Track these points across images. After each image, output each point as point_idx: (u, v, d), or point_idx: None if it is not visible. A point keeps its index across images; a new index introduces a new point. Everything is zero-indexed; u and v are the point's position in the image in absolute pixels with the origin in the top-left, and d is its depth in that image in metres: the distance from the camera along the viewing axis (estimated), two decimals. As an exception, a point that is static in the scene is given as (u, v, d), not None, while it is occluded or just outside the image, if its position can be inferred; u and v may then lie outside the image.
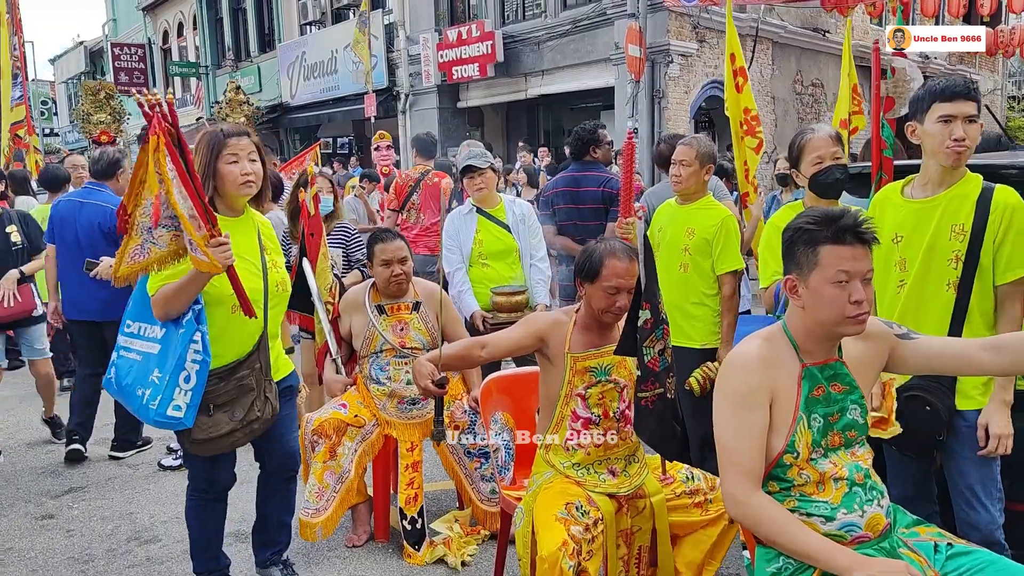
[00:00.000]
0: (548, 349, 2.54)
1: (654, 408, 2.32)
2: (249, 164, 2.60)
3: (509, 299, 3.92)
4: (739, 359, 1.98)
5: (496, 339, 2.54)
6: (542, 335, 2.53)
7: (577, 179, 4.40)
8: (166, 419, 2.48)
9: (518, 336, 2.54)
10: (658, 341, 2.31)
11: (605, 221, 4.27)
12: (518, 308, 3.91)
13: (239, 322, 2.57)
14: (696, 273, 3.51)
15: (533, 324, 2.57)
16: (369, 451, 3.37)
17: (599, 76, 13.04)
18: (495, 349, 2.52)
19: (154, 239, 2.43)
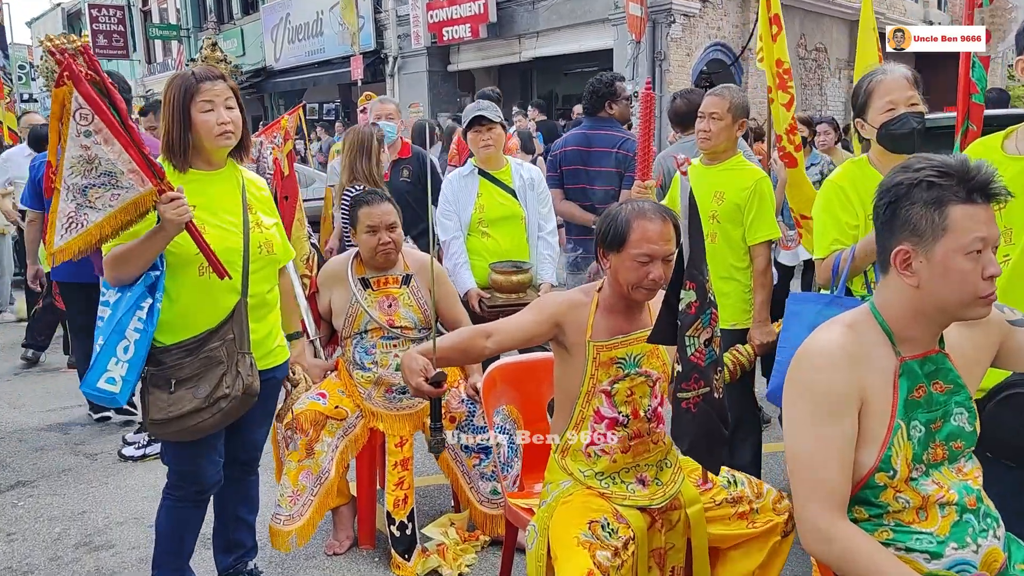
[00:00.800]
0: (565, 336, 2.10)
1: (698, 412, 1.87)
2: (226, 112, 2.26)
3: (509, 278, 3.44)
4: (820, 354, 1.55)
5: (504, 327, 2.09)
6: (557, 320, 2.09)
7: (589, 138, 3.91)
8: (97, 392, 2.17)
9: (530, 322, 2.09)
10: (704, 329, 1.86)
11: (619, 187, 3.80)
12: (519, 288, 3.44)
13: (211, 287, 2.24)
14: (725, 243, 3.08)
15: (546, 307, 2.12)
16: (352, 447, 2.93)
17: (597, 37, 12.48)
18: (503, 340, 2.07)
19: (90, 201, 2.07)
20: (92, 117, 2.04)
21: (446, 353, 2.02)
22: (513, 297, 3.41)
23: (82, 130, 2.05)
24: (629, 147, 3.78)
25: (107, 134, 2.05)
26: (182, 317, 2.26)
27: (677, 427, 1.90)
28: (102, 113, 2.04)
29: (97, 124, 2.04)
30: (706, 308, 1.85)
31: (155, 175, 2.10)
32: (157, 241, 2.15)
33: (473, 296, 3.50)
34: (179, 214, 2.12)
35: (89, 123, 2.04)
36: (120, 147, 2.06)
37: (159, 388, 2.24)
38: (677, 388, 1.87)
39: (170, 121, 2.26)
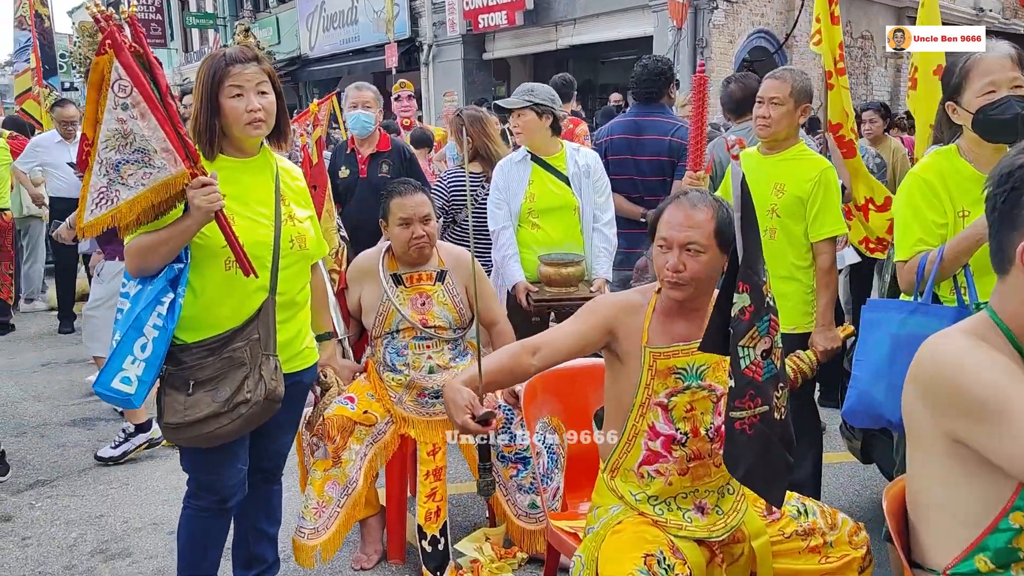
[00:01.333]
0: (618, 343, 1.88)
1: (754, 433, 1.63)
2: (257, 98, 2.08)
3: (559, 270, 3.18)
4: (970, 369, 1.29)
5: (550, 340, 1.87)
6: (609, 326, 1.87)
7: (639, 125, 3.65)
8: (111, 392, 2.02)
9: (579, 331, 1.87)
10: (761, 338, 1.62)
11: (671, 177, 3.55)
12: (570, 282, 3.19)
13: (237, 282, 2.08)
14: (785, 239, 2.82)
15: (597, 312, 1.90)
16: (381, 455, 2.74)
17: (636, 25, 12.14)
18: (549, 354, 1.85)
19: (123, 178, 1.92)
20: (130, 89, 1.91)
21: (492, 378, 1.80)
22: (563, 292, 3.16)
23: (119, 102, 1.91)
24: (683, 134, 3.52)
25: (144, 108, 1.91)
26: (205, 314, 2.09)
27: (730, 450, 1.65)
28: (141, 85, 1.91)
29: (135, 97, 1.90)
30: (763, 314, 1.61)
31: (188, 157, 1.96)
32: (184, 230, 1.99)
33: (520, 289, 3.26)
34: (209, 201, 1.96)
35: (127, 95, 1.91)
36: (156, 123, 1.92)
37: (176, 389, 2.07)
38: (730, 406, 1.64)
39: (199, 105, 2.09)
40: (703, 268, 1.78)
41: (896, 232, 2.16)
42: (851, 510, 3.08)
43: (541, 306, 3.14)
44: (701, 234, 1.77)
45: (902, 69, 14.66)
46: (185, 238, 2.02)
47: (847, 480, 3.43)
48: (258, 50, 2.21)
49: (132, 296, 2.04)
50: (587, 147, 3.60)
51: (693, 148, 2.84)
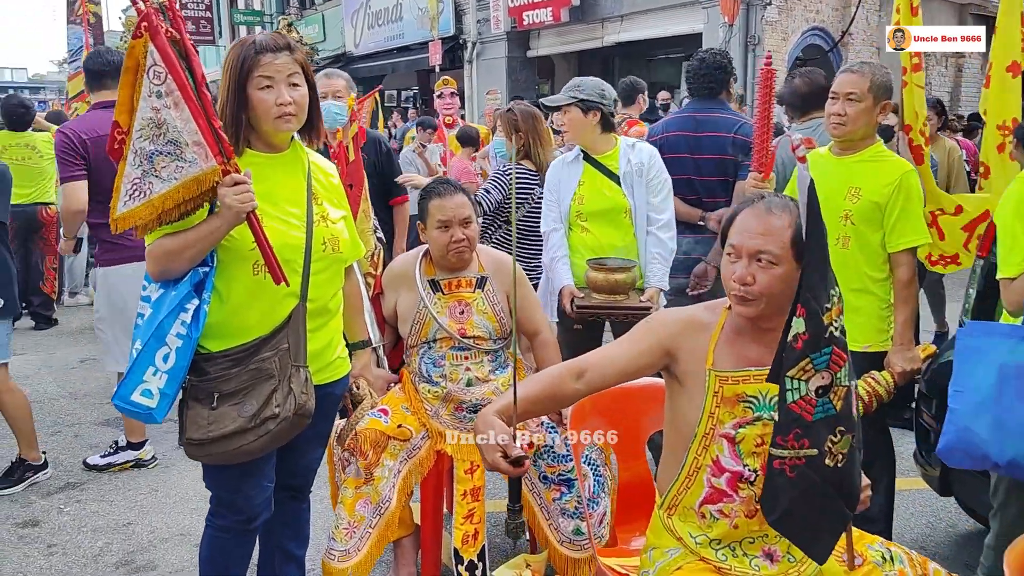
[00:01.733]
0: (678, 365, 1.68)
1: (797, 478, 1.42)
2: (288, 90, 1.93)
3: (607, 276, 2.96)
4: None
5: (599, 361, 1.68)
6: (669, 345, 1.67)
7: (697, 122, 3.43)
8: (131, 406, 1.88)
9: (633, 351, 1.67)
10: (817, 373, 1.40)
11: (733, 178, 3.32)
12: (619, 289, 2.97)
13: (266, 288, 1.94)
14: (860, 249, 2.58)
15: (654, 330, 1.70)
16: (416, 472, 2.57)
17: (686, 21, 11.83)
18: (596, 379, 1.66)
19: (156, 170, 1.80)
20: (165, 76, 1.79)
21: (529, 407, 1.62)
22: (611, 299, 2.95)
23: (154, 89, 1.79)
24: (747, 132, 3.29)
25: (177, 97, 1.79)
26: (231, 321, 1.95)
27: (767, 490, 1.45)
28: (176, 72, 1.79)
29: (169, 85, 1.79)
30: (821, 346, 1.39)
31: (221, 152, 1.83)
32: (213, 232, 1.86)
33: (566, 294, 3.05)
34: (242, 201, 1.82)
35: (161, 82, 1.79)
36: (189, 114, 1.80)
37: (200, 402, 1.93)
38: (772, 442, 1.43)
39: (225, 96, 1.95)
40: (775, 282, 1.57)
41: (1001, 246, 1.92)
42: (923, 545, 2.83)
43: (584, 313, 2.94)
44: (775, 243, 1.56)
45: (963, 68, 14.10)
46: (213, 241, 1.88)
47: (918, 510, 3.17)
48: (291, 37, 2.05)
49: (154, 301, 1.90)
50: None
51: (758, 148, 2.62)
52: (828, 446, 1.41)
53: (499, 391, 2.61)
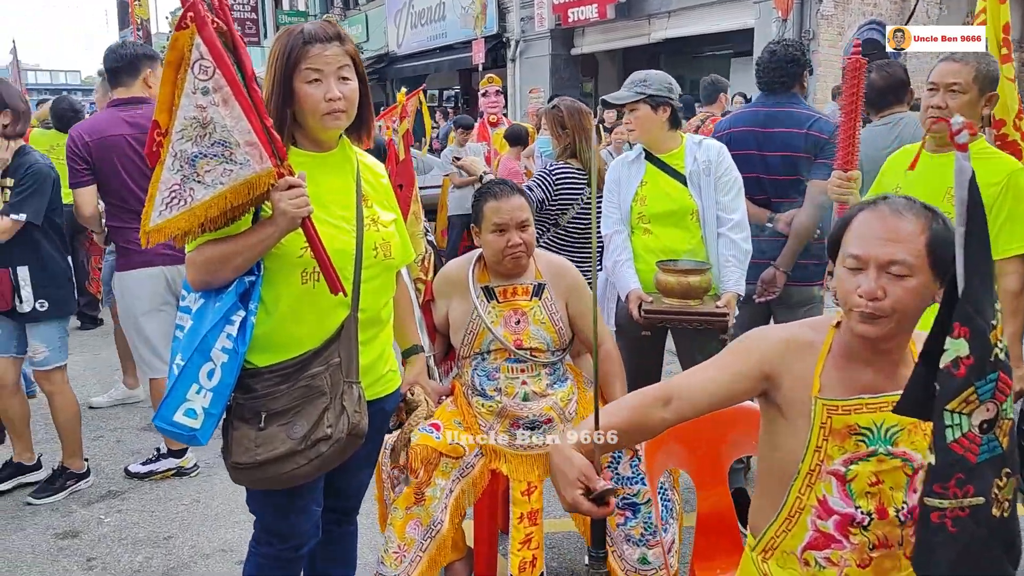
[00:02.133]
0: (779, 392, 1.48)
1: (960, 532, 1.18)
2: (338, 84, 1.77)
3: (680, 279, 2.74)
4: None
5: (687, 385, 1.48)
6: (768, 370, 1.47)
7: (767, 117, 3.19)
8: (173, 427, 1.72)
9: (728, 375, 1.47)
10: (982, 404, 1.17)
11: (805, 177, 3.09)
12: (692, 293, 2.75)
13: (315, 297, 1.80)
14: (958, 255, 2.34)
15: (752, 350, 1.50)
16: (470, 492, 2.40)
17: (736, 16, 11.51)
18: (688, 405, 1.45)
19: (199, 174, 1.63)
20: (213, 70, 1.62)
21: (616, 439, 1.43)
22: (683, 304, 2.74)
23: (200, 86, 1.62)
24: (823, 127, 3.05)
25: (227, 93, 1.63)
26: (278, 334, 1.80)
27: (922, 546, 1.21)
28: (225, 66, 1.62)
29: (217, 80, 1.62)
30: (987, 371, 1.17)
31: (275, 153, 1.67)
32: (265, 239, 1.71)
33: (633, 298, 2.83)
34: (297, 206, 1.68)
35: (208, 77, 1.62)
36: (240, 111, 1.63)
37: (246, 422, 1.78)
38: (927, 489, 1.20)
39: (270, 89, 1.79)
40: (909, 297, 1.35)
41: None
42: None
43: (653, 318, 2.73)
44: (908, 250, 1.35)
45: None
46: (264, 249, 1.73)
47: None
48: (341, 27, 1.89)
49: (195, 312, 1.76)
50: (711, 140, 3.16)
51: (844, 143, 2.40)
52: (995, 492, 1.18)
53: (557, 406, 2.43)
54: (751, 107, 3.34)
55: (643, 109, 2.86)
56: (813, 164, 3.04)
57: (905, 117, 3.33)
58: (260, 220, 1.74)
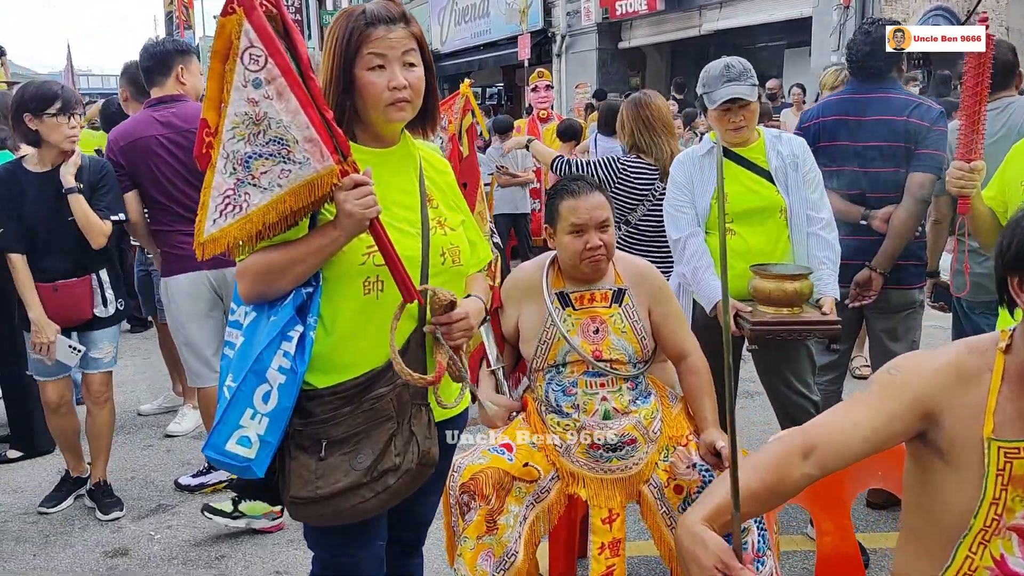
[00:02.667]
0: (941, 432, 1.23)
1: None
2: (403, 71, 1.59)
3: (782, 286, 2.48)
4: None
5: (832, 431, 1.24)
6: (928, 407, 1.23)
7: (861, 104, 2.92)
8: (225, 456, 1.56)
9: (879, 415, 1.23)
10: None
11: (904, 169, 2.82)
12: (794, 301, 2.48)
13: (381, 309, 1.61)
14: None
15: (907, 385, 1.25)
16: (545, 519, 2.20)
17: (793, 5, 11.11)
18: (833, 456, 1.22)
19: (254, 177, 1.46)
20: (264, 60, 1.44)
21: (749, 507, 1.20)
22: (785, 313, 2.48)
23: (251, 78, 1.45)
24: (924, 115, 2.78)
25: (281, 84, 1.44)
26: (339, 351, 1.61)
27: None
28: (278, 54, 1.44)
29: (270, 70, 1.44)
30: None
31: (338, 149, 1.49)
32: (328, 245, 1.53)
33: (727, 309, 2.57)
34: (365, 206, 1.49)
35: (260, 68, 1.44)
36: (297, 105, 1.45)
37: (305, 451, 1.59)
38: None
39: (328, 77, 1.61)
40: None
41: None
42: None
43: (761, 331, 2.47)
44: None
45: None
46: (327, 255, 1.55)
47: None
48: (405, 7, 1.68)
49: (246, 327, 1.58)
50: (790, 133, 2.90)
51: (966, 132, 2.14)
52: None
53: (641, 425, 2.21)
54: (843, 95, 3.07)
55: (754, 106, 2.62)
56: (913, 155, 2.77)
57: (1015, 102, 3.03)
58: (319, 223, 1.55)
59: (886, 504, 2.94)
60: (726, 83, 2.58)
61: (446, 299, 1.61)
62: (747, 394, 4.13)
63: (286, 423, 1.56)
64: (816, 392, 2.77)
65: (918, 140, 2.77)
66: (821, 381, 2.99)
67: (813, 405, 2.74)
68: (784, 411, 2.78)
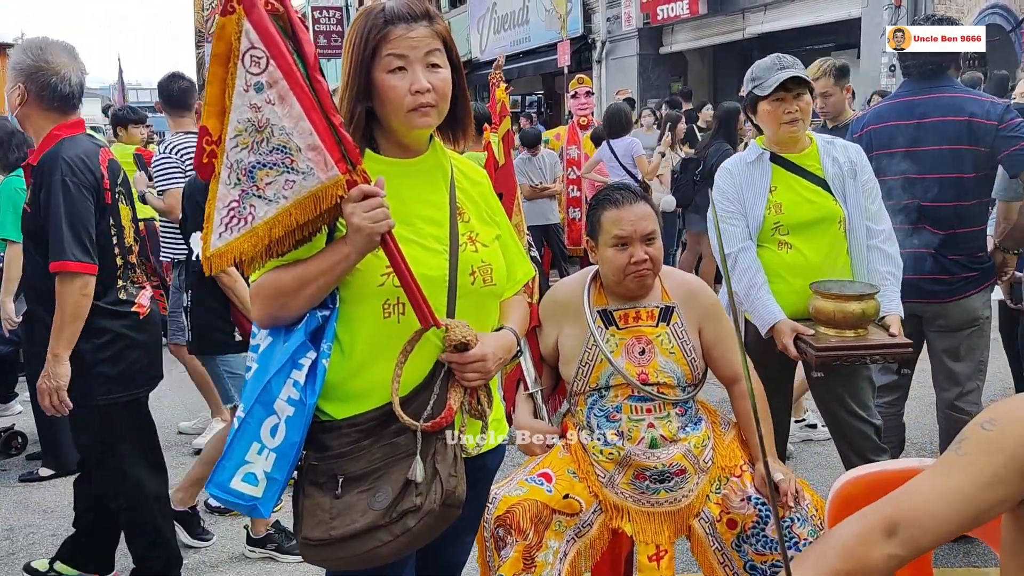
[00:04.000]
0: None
1: None
2: (426, 73, 1.47)
3: (844, 307, 2.27)
4: None
5: (923, 502, 1.05)
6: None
7: (917, 106, 2.72)
8: (229, 495, 1.45)
9: (976, 480, 1.04)
10: None
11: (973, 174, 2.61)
12: (860, 323, 2.29)
13: (402, 334, 1.48)
14: None
15: (1005, 440, 1.06)
16: (587, 555, 2.04)
17: (841, 6, 10.81)
18: (921, 533, 1.03)
19: (259, 188, 1.35)
20: (266, 62, 1.34)
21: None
22: (850, 336, 2.29)
23: (253, 81, 1.35)
24: (998, 113, 2.57)
25: (283, 88, 1.35)
26: (358, 379, 1.48)
27: None
28: (280, 56, 1.34)
29: (272, 73, 1.35)
30: None
31: (345, 157, 1.38)
32: (339, 262, 1.41)
33: (786, 331, 2.36)
34: (374, 220, 1.38)
35: (262, 71, 1.35)
36: (300, 110, 1.35)
37: (320, 488, 1.46)
38: None
39: (346, 81, 1.49)
40: None
41: None
42: None
43: (828, 357, 2.27)
44: None
45: None
46: (340, 274, 1.42)
47: None
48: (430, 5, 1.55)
49: (261, 354, 1.46)
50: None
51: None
52: None
53: (691, 454, 2.04)
54: (895, 99, 2.87)
55: (808, 98, 2.44)
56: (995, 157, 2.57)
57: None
58: (334, 239, 1.43)
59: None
60: (779, 70, 2.40)
61: (457, 339, 1.46)
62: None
63: (294, 459, 1.44)
64: (877, 416, 2.57)
65: (988, 141, 2.57)
66: (880, 403, 2.79)
67: (874, 429, 2.54)
68: (843, 436, 2.58)
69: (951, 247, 2.70)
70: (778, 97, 2.40)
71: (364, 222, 1.36)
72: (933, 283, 2.71)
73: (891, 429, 2.87)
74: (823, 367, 2.28)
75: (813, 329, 2.34)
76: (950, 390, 2.77)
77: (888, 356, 2.31)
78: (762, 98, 2.43)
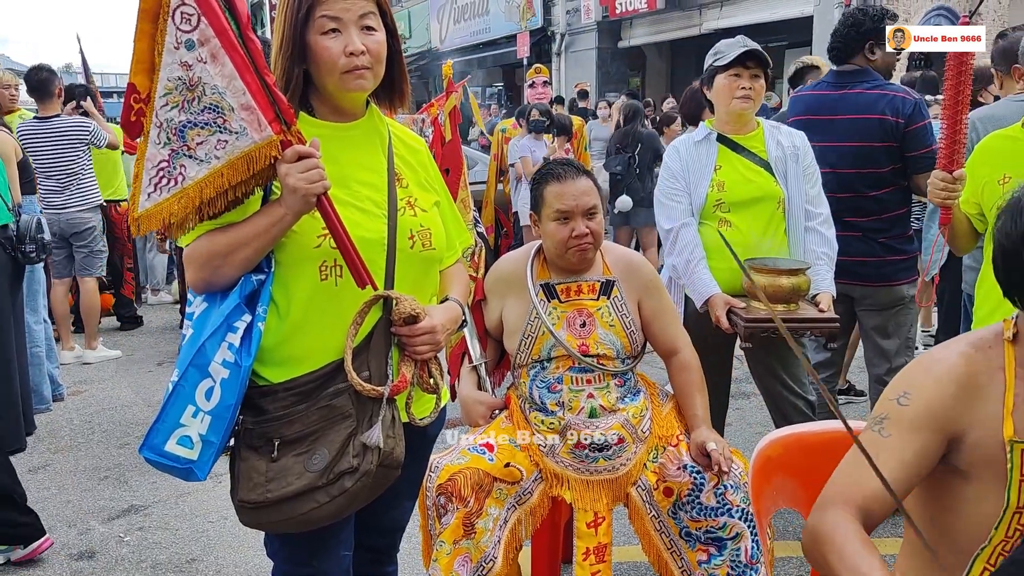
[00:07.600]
0: (961, 449, 1.11)
1: None
2: (360, 35, 1.47)
3: (777, 281, 2.36)
4: None
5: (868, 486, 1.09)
6: (950, 428, 1.11)
7: (835, 100, 2.81)
8: (164, 458, 1.43)
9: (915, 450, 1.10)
10: None
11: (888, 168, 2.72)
12: (791, 297, 2.37)
13: (337, 297, 1.49)
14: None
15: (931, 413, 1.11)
16: (527, 522, 2.08)
17: (794, 4, 11.02)
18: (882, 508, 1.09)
19: (189, 148, 1.34)
20: (197, 19, 1.33)
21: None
22: (780, 309, 2.37)
23: (183, 39, 1.33)
24: (907, 109, 2.67)
25: (216, 46, 1.33)
26: (293, 343, 1.48)
27: None
28: (211, 13, 1.33)
29: (204, 31, 1.33)
30: None
31: (279, 117, 1.37)
32: (274, 224, 1.40)
33: (720, 304, 2.44)
34: (310, 180, 1.37)
35: (193, 28, 1.33)
36: (232, 69, 1.34)
37: (256, 451, 1.47)
38: None
39: (279, 45, 1.48)
40: None
41: None
42: None
43: (755, 328, 2.35)
44: None
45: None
46: (275, 236, 1.42)
47: None
48: None
49: (196, 320, 1.45)
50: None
51: (948, 138, 2.05)
52: None
53: (629, 424, 2.09)
54: (816, 89, 2.95)
55: (763, 83, 2.50)
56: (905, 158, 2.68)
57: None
58: (269, 202, 1.43)
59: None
60: (742, 47, 2.47)
61: (406, 312, 1.48)
62: (743, 395, 4.01)
63: (230, 422, 1.43)
64: (811, 391, 2.66)
65: (899, 138, 2.68)
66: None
67: (808, 405, 2.64)
68: (779, 411, 2.67)
69: (878, 232, 2.80)
70: (735, 72, 2.46)
71: (299, 183, 1.36)
72: (862, 265, 2.81)
73: (824, 404, 2.97)
74: (751, 338, 2.36)
75: (746, 303, 2.41)
76: (880, 366, 2.88)
77: (816, 331, 2.39)
78: (721, 70, 2.48)
